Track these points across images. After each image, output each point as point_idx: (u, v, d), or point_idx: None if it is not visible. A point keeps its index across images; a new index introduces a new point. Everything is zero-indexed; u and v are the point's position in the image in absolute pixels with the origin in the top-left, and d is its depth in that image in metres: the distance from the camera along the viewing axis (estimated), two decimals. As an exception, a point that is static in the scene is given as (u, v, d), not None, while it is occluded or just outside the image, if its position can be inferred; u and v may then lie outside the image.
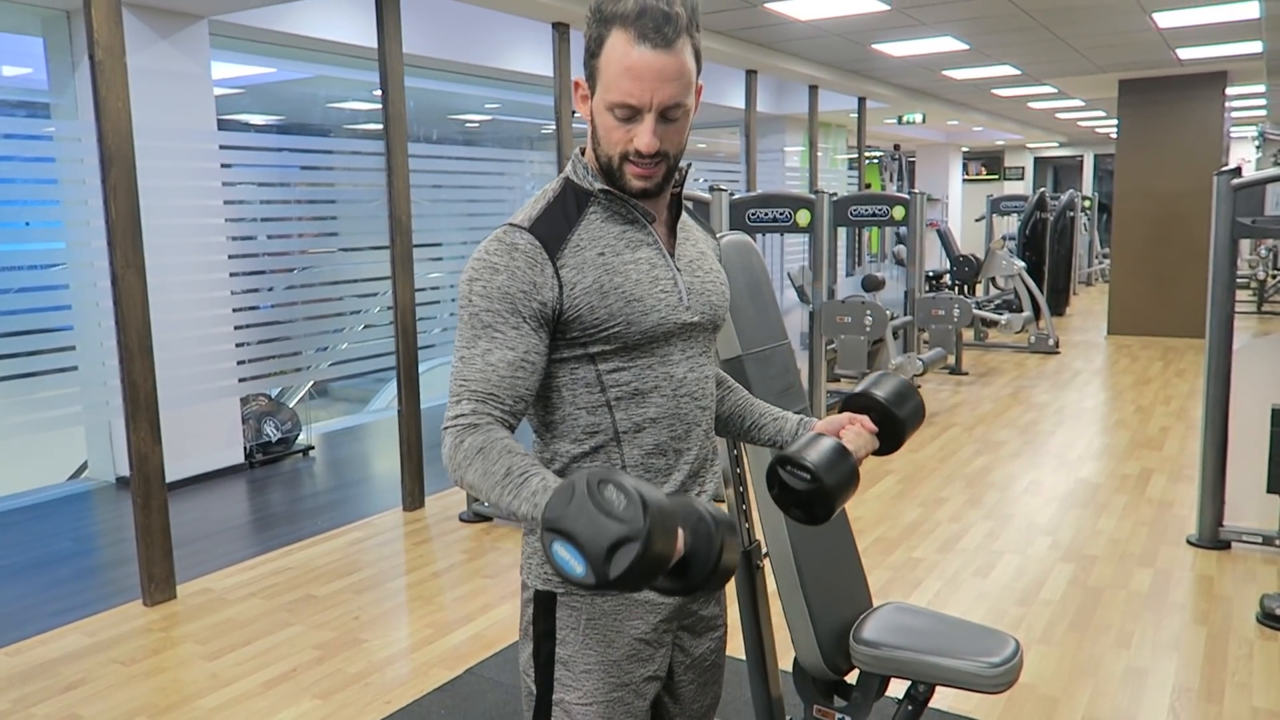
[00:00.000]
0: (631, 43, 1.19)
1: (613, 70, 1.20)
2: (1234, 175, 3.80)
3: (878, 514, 4.54)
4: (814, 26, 6.77)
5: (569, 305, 1.25)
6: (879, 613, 2.13)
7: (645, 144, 1.22)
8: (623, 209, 1.31)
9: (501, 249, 1.25)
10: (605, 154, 1.27)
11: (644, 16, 1.18)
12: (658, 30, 1.18)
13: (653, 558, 0.99)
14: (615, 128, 1.23)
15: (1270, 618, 3.28)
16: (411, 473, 4.74)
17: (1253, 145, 16.86)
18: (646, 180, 1.27)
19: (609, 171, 1.28)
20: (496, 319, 1.23)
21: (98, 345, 4.20)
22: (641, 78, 1.19)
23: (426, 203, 5.48)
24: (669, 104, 1.22)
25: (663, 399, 1.31)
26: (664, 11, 1.19)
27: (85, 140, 4.23)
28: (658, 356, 1.30)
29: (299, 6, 5.43)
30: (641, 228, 1.32)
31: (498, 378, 1.21)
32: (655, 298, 1.29)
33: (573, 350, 1.28)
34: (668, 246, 1.34)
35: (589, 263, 1.26)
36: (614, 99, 1.21)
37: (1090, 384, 7.70)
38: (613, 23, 1.20)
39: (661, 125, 1.23)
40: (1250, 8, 6.40)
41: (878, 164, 16.79)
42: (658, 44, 1.19)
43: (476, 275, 1.25)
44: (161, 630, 3.43)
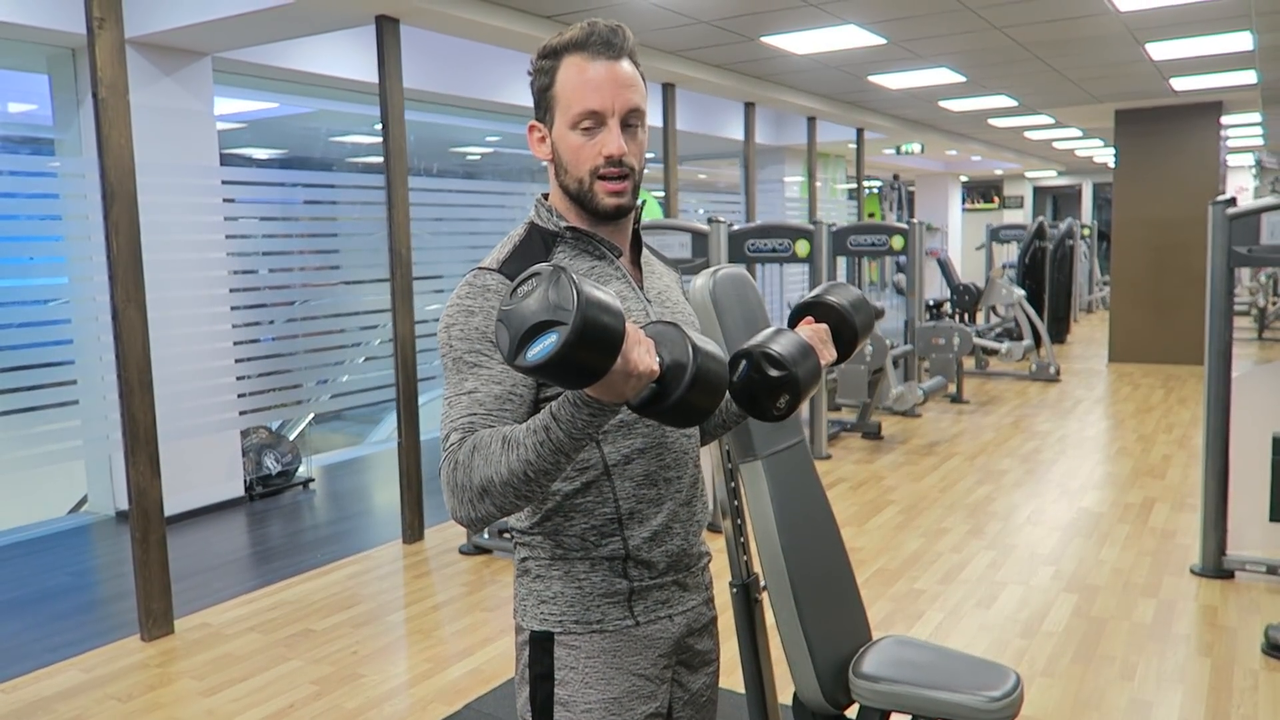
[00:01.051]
0: (586, 60, 1.27)
1: (571, 88, 1.27)
2: (1229, 205, 3.82)
3: (879, 545, 4.52)
4: (811, 60, 6.84)
5: None
6: (879, 646, 2.12)
7: (615, 147, 1.27)
8: (589, 245, 1.34)
9: (474, 292, 1.27)
10: (575, 177, 1.30)
11: (594, 35, 1.28)
12: (607, 44, 1.28)
13: (581, 347, 0.98)
14: (583, 145, 1.28)
15: (1275, 648, 3.25)
16: (411, 505, 4.73)
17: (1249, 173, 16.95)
18: (618, 196, 1.30)
19: (580, 196, 1.30)
20: (479, 358, 1.23)
21: (99, 379, 4.21)
22: (601, 87, 1.26)
23: (427, 235, 5.51)
24: (629, 109, 1.28)
25: (648, 428, 1.32)
26: (609, 28, 1.29)
27: (89, 176, 4.27)
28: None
29: (301, 43, 5.50)
30: (609, 262, 1.35)
31: (484, 411, 1.21)
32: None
33: (554, 389, 1.28)
34: (635, 280, 1.37)
35: None
36: (578, 110, 1.27)
37: (1092, 412, 7.69)
38: (563, 53, 1.28)
39: (624, 136, 1.28)
40: (1243, 39, 6.46)
41: (877, 194, 16.88)
42: (610, 56, 1.28)
43: (453, 321, 1.26)
44: (159, 666, 3.40)
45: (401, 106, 4.65)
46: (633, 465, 1.31)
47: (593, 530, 1.31)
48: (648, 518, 1.32)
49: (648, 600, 1.34)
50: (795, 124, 10.12)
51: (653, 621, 1.35)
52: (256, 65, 5.47)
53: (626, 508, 1.31)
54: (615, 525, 1.31)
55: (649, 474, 1.32)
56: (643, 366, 1.04)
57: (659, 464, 1.33)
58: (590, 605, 1.32)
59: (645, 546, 1.32)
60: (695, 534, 1.41)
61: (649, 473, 1.32)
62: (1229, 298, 3.91)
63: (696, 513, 1.41)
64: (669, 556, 1.35)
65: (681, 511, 1.36)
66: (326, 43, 5.63)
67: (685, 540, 1.37)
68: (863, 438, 6.87)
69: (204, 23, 4.58)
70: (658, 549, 1.34)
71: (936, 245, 14.68)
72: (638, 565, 1.33)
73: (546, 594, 1.33)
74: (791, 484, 2.09)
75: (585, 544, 1.31)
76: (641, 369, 1.04)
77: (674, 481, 1.35)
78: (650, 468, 1.32)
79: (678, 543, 1.36)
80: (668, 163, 7.10)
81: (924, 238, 7.42)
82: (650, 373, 1.05)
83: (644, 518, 1.32)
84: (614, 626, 1.32)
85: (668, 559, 1.35)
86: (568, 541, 1.32)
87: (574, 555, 1.32)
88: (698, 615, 1.42)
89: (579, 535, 1.31)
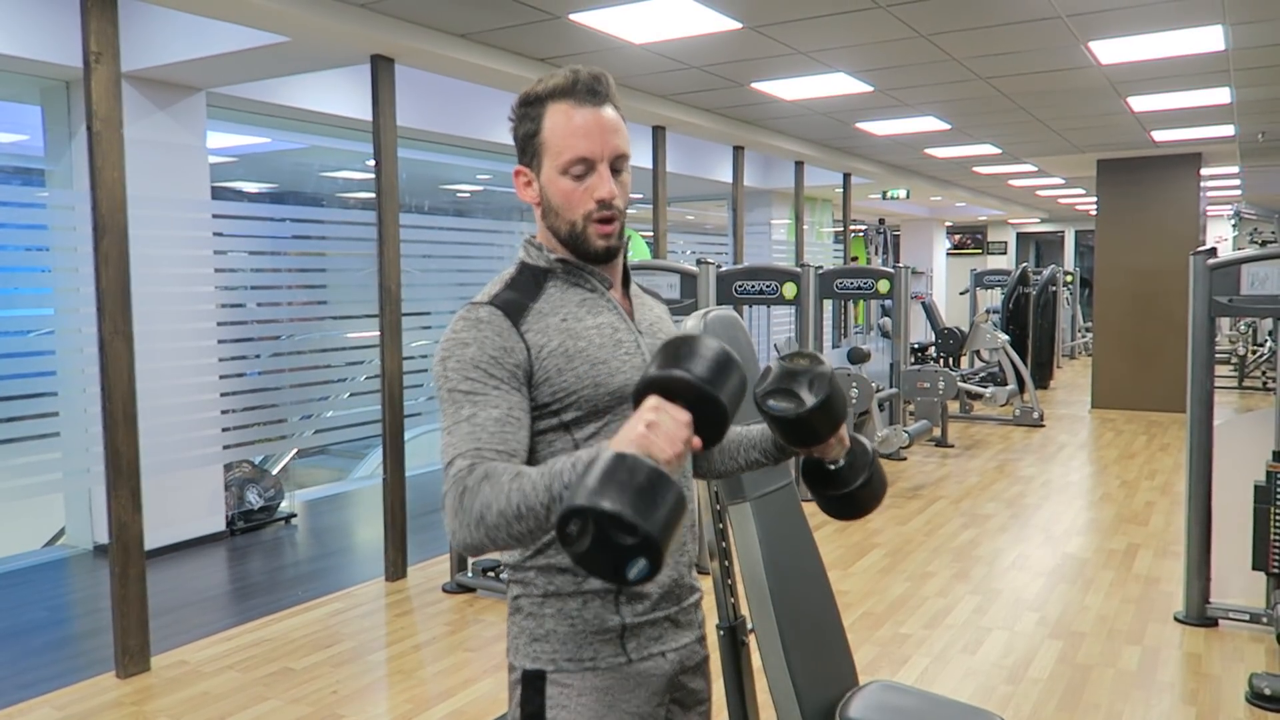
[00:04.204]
0: (572, 108, 1.30)
1: (560, 133, 1.30)
2: (1210, 255, 3.89)
3: (865, 588, 4.50)
4: (799, 106, 6.94)
5: (539, 367, 1.28)
6: (865, 691, 2.11)
7: (606, 191, 1.30)
8: (580, 278, 1.36)
9: (467, 325, 1.28)
10: (568, 220, 1.32)
11: (578, 82, 1.31)
12: (592, 92, 1.31)
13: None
14: (574, 190, 1.30)
15: (1260, 697, 3.25)
16: (395, 542, 4.69)
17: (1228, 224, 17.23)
18: (609, 238, 1.33)
19: (572, 239, 1.33)
20: (475, 386, 1.24)
21: (81, 412, 4.18)
22: (590, 133, 1.29)
23: (417, 272, 5.52)
24: (617, 154, 1.32)
25: None
26: (593, 75, 1.32)
27: (79, 208, 4.26)
28: (629, 419, 1.32)
29: (294, 79, 5.54)
30: (600, 295, 1.37)
31: (487, 434, 1.21)
32: (620, 359, 1.33)
33: (548, 421, 1.30)
34: (626, 311, 1.39)
35: (553, 328, 1.30)
36: (569, 156, 1.29)
37: (1075, 458, 7.73)
38: (547, 100, 1.31)
39: (614, 178, 1.32)
40: (1222, 94, 6.60)
41: (863, 238, 17.04)
42: (595, 103, 1.31)
43: (448, 354, 1.27)
44: (134, 704, 3.34)
45: (394, 144, 4.68)
46: None
47: None
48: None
49: (640, 637, 1.34)
50: (783, 168, 10.24)
51: (645, 659, 1.34)
52: (250, 100, 5.51)
53: None
54: None
55: None
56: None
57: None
58: (583, 643, 1.31)
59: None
60: (686, 566, 1.41)
61: None
62: (1210, 346, 3.96)
63: (686, 544, 1.42)
64: (661, 588, 1.36)
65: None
66: (319, 79, 5.67)
67: (676, 571, 1.38)
68: (848, 480, 6.86)
69: (200, 59, 4.62)
70: (649, 582, 1.33)
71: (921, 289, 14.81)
72: (630, 599, 1.33)
73: (539, 632, 1.32)
74: (780, 526, 2.10)
75: (577, 578, 1.31)
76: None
77: None
78: None
79: (669, 573, 1.37)
80: (657, 204, 7.16)
81: (910, 282, 7.49)
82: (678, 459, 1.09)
83: None
84: (607, 664, 1.31)
85: (660, 589, 1.35)
86: (559, 577, 1.32)
87: (566, 591, 1.31)
88: (691, 653, 1.42)
89: (570, 569, 1.31)
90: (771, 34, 4.94)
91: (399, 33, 4.47)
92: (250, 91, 5.41)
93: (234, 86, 5.31)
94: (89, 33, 3.38)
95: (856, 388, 6.20)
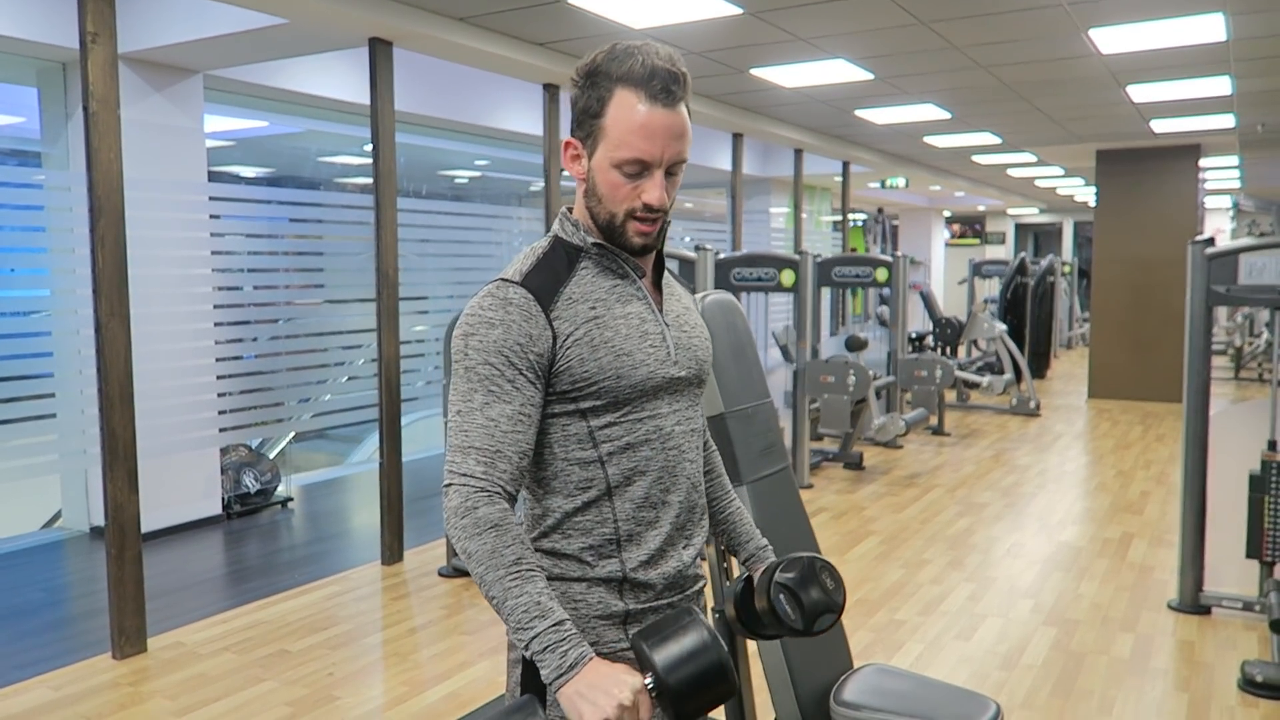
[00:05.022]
0: (642, 102, 1.23)
1: (622, 128, 1.24)
2: (1208, 244, 3.88)
3: (860, 575, 4.52)
4: (799, 93, 6.92)
5: (561, 356, 1.26)
6: (860, 674, 2.12)
7: (656, 198, 1.26)
8: (613, 263, 1.33)
9: (496, 304, 1.26)
10: (608, 211, 1.29)
11: (655, 78, 1.23)
12: (667, 91, 1.24)
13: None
14: (621, 184, 1.26)
15: (1252, 684, 3.26)
16: (391, 526, 4.70)
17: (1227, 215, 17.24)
18: (647, 236, 1.30)
19: (610, 229, 1.30)
20: (493, 373, 1.24)
21: (77, 393, 4.18)
22: (654, 136, 1.24)
23: (414, 256, 5.52)
24: (676, 159, 1.27)
25: (652, 452, 1.32)
26: (671, 72, 1.25)
27: (75, 189, 4.26)
28: (647, 410, 1.32)
29: (292, 62, 5.52)
30: (631, 282, 1.34)
31: (500, 433, 1.23)
32: (644, 352, 1.31)
33: (564, 406, 1.29)
34: (655, 302, 1.36)
35: (581, 316, 1.28)
36: (625, 155, 1.24)
37: (1071, 447, 7.75)
38: (619, 83, 1.24)
39: (666, 180, 1.27)
40: (1222, 84, 6.59)
41: (862, 227, 17.03)
42: (667, 103, 1.25)
43: (472, 330, 1.26)
44: (130, 685, 3.35)
45: (392, 128, 4.66)
46: (634, 487, 1.31)
47: (590, 550, 1.31)
48: (645, 539, 1.32)
49: (643, 623, 1.34)
50: (782, 156, 10.22)
51: None
52: (247, 84, 5.48)
53: (625, 529, 1.31)
54: (614, 546, 1.31)
55: (648, 496, 1.32)
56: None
57: (659, 487, 1.33)
58: (585, 626, 1.31)
59: (642, 569, 1.32)
60: (692, 556, 1.40)
61: (649, 494, 1.32)
62: (1207, 336, 3.97)
63: (693, 536, 1.40)
64: (666, 579, 1.35)
65: (677, 535, 1.36)
66: (317, 63, 5.65)
67: (681, 562, 1.37)
68: (845, 468, 6.88)
69: (197, 40, 4.60)
70: (654, 571, 1.33)
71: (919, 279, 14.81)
72: (634, 588, 1.33)
73: None
74: (775, 509, 2.10)
75: (583, 564, 1.31)
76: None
77: (672, 505, 1.35)
78: (650, 490, 1.32)
79: (673, 564, 1.36)
80: (655, 190, 7.13)
81: (908, 271, 7.49)
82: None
83: (641, 539, 1.32)
84: (609, 649, 1.31)
85: (665, 580, 1.35)
86: (565, 562, 1.32)
87: (571, 576, 1.31)
88: None
89: (576, 555, 1.31)
90: (772, 20, 4.92)
91: (397, 15, 4.44)
92: (247, 75, 5.39)
93: (231, 69, 5.28)
94: (85, 12, 3.36)
95: (854, 375, 6.21)
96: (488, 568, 1.19)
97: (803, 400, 6.28)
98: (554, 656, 1.16)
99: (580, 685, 1.15)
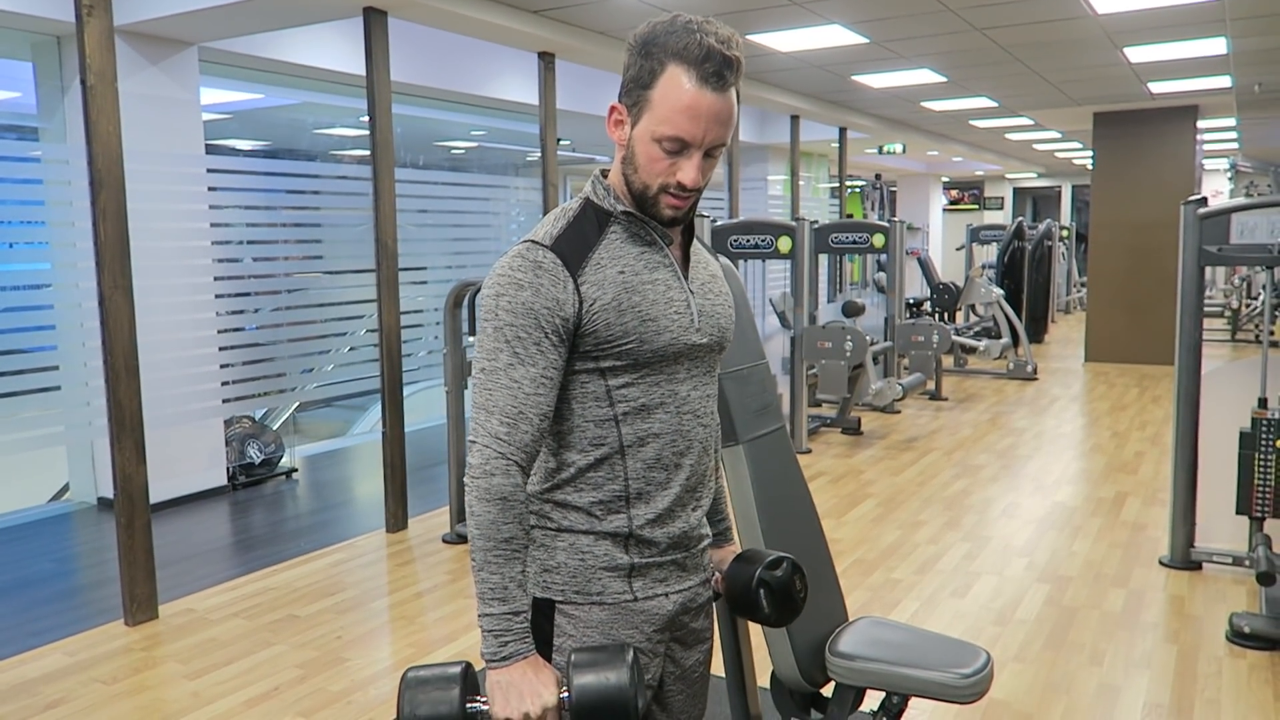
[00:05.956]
0: (693, 82, 1.24)
1: (669, 105, 1.25)
2: (1200, 205, 3.91)
3: (857, 536, 4.59)
4: (794, 58, 6.91)
5: (587, 320, 1.29)
6: (855, 626, 2.18)
7: (691, 179, 1.29)
8: (642, 230, 1.36)
9: (526, 265, 1.29)
10: (642, 182, 1.31)
11: (709, 60, 1.24)
12: (719, 75, 1.25)
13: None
14: (660, 159, 1.28)
15: (1239, 635, 3.34)
16: (395, 495, 4.76)
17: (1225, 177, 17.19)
18: (678, 210, 1.33)
19: (642, 199, 1.32)
20: (521, 333, 1.27)
21: (81, 366, 4.22)
22: (699, 118, 1.25)
23: (412, 227, 5.54)
24: (716, 143, 1.29)
25: (667, 415, 1.36)
26: (726, 56, 1.25)
27: (73, 163, 4.27)
28: (665, 374, 1.35)
29: (287, 34, 5.51)
30: (659, 250, 1.37)
31: (524, 395, 1.27)
32: (669, 318, 1.34)
33: (585, 364, 1.32)
34: (682, 269, 1.40)
35: (609, 280, 1.30)
36: (667, 132, 1.26)
37: (1067, 410, 7.81)
38: (673, 58, 1.25)
39: (704, 161, 1.29)
40: (1218, 44, 6.58)
41: (860, 193, 16.99)
42: (717, 87, 1.25)
43: (502, 290, 1.29)
44: (143, 650, 3.43)
45: (389, 99, 4.67)
46: (647, 448, 1.35)
47: (599, 504, 1.35)
48: (654, 499, 1.36)
49: (647, 578, 1.38)
50: (779, 122, 10.19)
51: (650, 598, 1.38)
52: (242, 55, 5.47)
53: (635, 487, 1.35)
54: (623, 502, 1.35)
55: (660, 457, 1.36)
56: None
57: (672, 449, 1.37)
58: (592, 577, 1.35)
59: (649, 527, 1.36)
60: (699, 518, 1.44)
61: (660, 456, 1.36)
62: (1200, 296, 4.01)
63: (702, 498, 1.44)
64: (670, 537, 1.39)
65: (687, 497, 1.40)
66: (312, 34, 5.64)
67: (687, 523, 1.41)
68: (842, 433, 6.94)
69: (191, 11, 4.59)
70: (660, 529, 1.37)
71: (917, 245, 14.81)
72: (639, 544, 1.37)
73: (550, 563, 1.36)
74: (771, 468, 2.15)
75: (591, 517, 1.35)
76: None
77: (684, 467, 1.38)
78: (663, 452, 1.36)
79: (680, 525, 1.39)
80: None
81: (905, 237, 7.51)
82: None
83: (650, 498, 1.36)
84: (613, 599, 1.36)
85: (669, 539, 1.39)
86: (574, 514, 1.36)
87: (579, 528, 1.35)
88: (694, 595, 1.45)
89: (585, 508, 1.35)
90: (766, -15, 4.91)
91: (391, -16, 4.44)
92: (243, 46, 5.38)
93: (226, 41, 5.27)
94: (80, -15, 3.36)
95: (851, 341, 6.25)
96: (482, 534, 1.26)
97: (801, 366, 6.33)
98: (495, 641, 1.25)
99: (503, 677, 1.24)
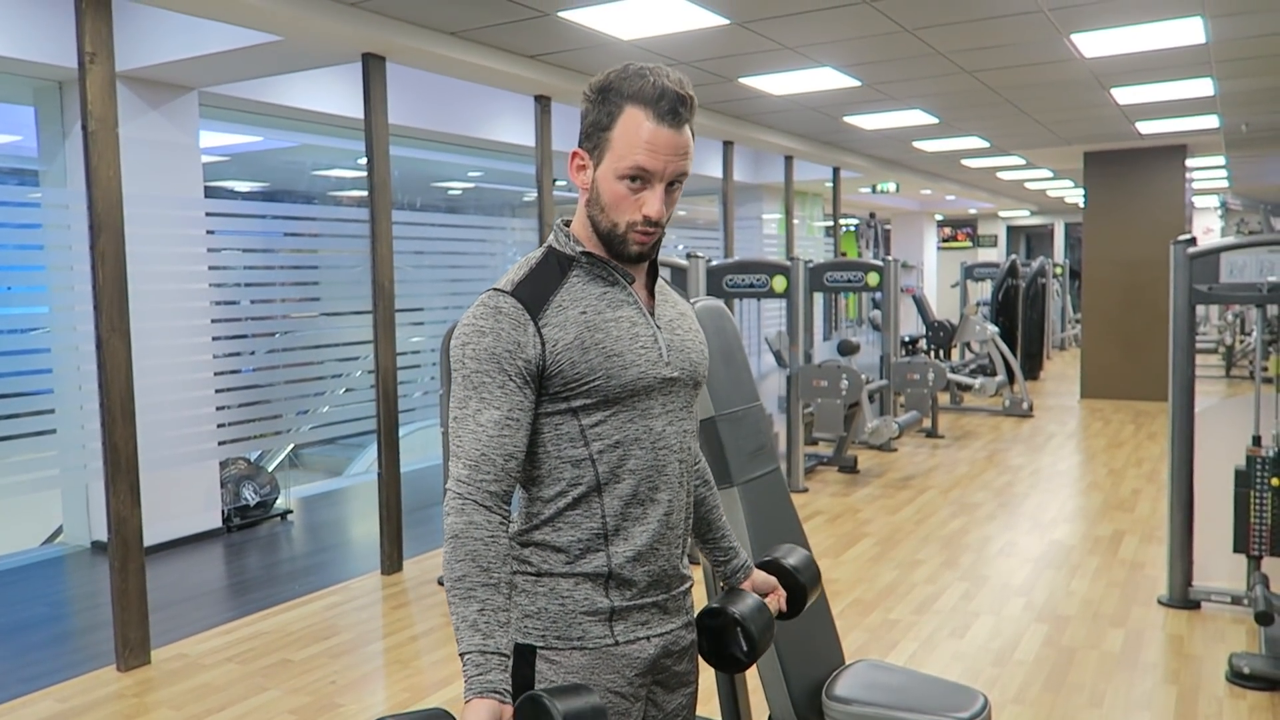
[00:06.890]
0: (650, 120, 1.32)
1: (628, 141, 1.32)
2: (1190, 244, 3.95)
3: (855, 575, 4.57)
4: (788, 100, 7.00)
5: (551, 361, 1.32)
6: (852, 670, 2.17)
7: (656, 210, 1.34)
8: (604, 271, 1.39)
9: (486, 313, 1.33)
10: (610, 220, 1.36)
11: (664, 99, 1.32)
12: (674, 112, 1.32)
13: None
14: (625, 196, 1.34)
15: (1239, 676, 3.32)
16: (390, 536, 4.74)
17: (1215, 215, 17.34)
18: (644, 245, 1.37)
19: (610, 237, 1.37)
20: (485, 379, 1.31)
21: (77, 408, 4.22)
22: (659, 152, 1.32)
23: (409, 268, 5.57)
24: (677, 174, 1.35)
25: (642, 451, 1.37)
26: (679, 94, 1.33)
27: (73, 207, 4.31)
28: (638, 410, 1.37)
29: (286, 78, 5.58)
30: (622, 289, 1.40)
31: (487, 438, 1.30)
32: (635, 353, 1.36)
33: (556, 405, 1.35)
34: (647, 307, 1.42)
35: (571, 320, 1.34)
36: (630, 166, 1.32)
37: (1064, 447, 7.81)
38: (630, 100, 1.32)
39: (666, 194, 1.35)
40: (1204, 85, 6.68)
41: (854, 232, 17.11)
42: (673, 123, 1.33)
43: (467, 339, 1.33)
44: (135, 696, 3.39)
45: (386, 142, 4.72)
46: (623, 484, 1.37)
47: (578, 544, 1.36)
48: (633, 535, 1.37)
49: (628, 620, 1.39)
50: (773, 162, 10.29)
51: (631, 641, 1.39)
52: (242, 100, 5.54)
53: (613, 524, 1.36)
54: (601, 540, 1.36)
55: (636, 493, 1.37)
56: None
57: (648, 485, 1.38)
58: (572, 622, 1.36)
59: (628, 565, 1.37)
60: (679, 556, 1.45)
61: (636, 492, 1.37)
62: (1191, 334, 4.03)
63: (683, 536, 1.45)
64: (650, 576, 1.40)
65: (668, 534, 1.41)
66: (311, 78, 5.71)
67: (668, 561, 1.42)
68: (839, 471, 6.94)
69: (193, 58, 4.65)
70: (640, 568, 1.38)
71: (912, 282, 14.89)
72: (619, 584, 1.37)
73: (530, 609, 1.37)
74: (766, 510, 2.16)
75: (570, 558, 1.36)
76: None
77: (661, 503, 1.40)
78: (639, 488, 1.37)
79: (660, 563, 1.41)
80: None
81: (899, 275, 7.55)
82: None
83: (629, 534, 1.37)
84: (594, 644, 1.36)
85: (649, 578, 1.40)
86: (553, 556, 1.37)
87: (558, 571, 1.36)
88: (676, 638, 1.46)
89: (564, 549, 1.36)
90: (758, 30, 5.00)
91: (390, 31, 4.51)
92: (243, 90, 5.44)
93: (226, 86, 5.34)
94: (84, 33, 3.41)
95: (847, 379, 6.27)
96: (446, 574, 1.29)
97: (797, 404, 6.34)
98: (470, 669, 1.23)
99: (470, 713, 1.21)
